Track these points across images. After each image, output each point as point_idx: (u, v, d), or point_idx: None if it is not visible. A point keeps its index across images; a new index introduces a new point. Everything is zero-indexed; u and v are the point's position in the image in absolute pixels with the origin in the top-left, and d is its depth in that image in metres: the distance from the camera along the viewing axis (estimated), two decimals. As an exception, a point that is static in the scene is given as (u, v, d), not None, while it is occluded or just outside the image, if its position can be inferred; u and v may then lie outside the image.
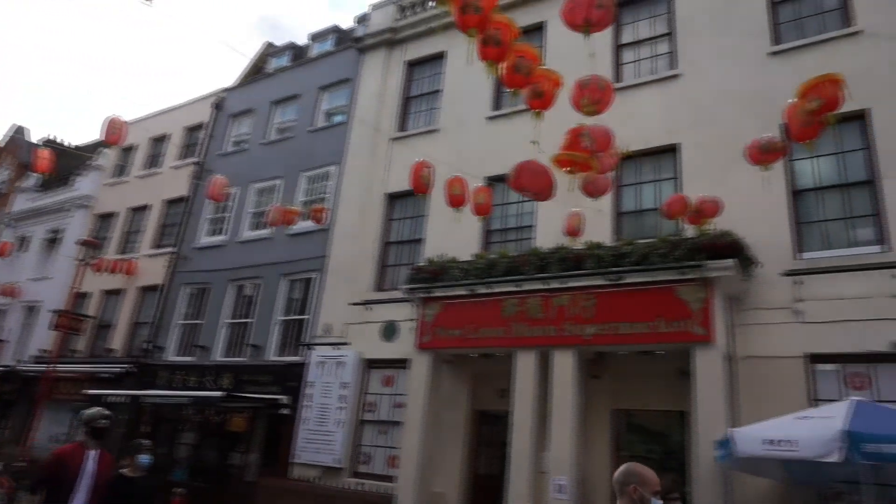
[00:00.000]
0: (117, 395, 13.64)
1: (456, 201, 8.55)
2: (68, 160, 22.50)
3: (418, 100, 14.65)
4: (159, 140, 20.78)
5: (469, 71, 12.00)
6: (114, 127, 10.86)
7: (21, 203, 24.30)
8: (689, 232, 9.06)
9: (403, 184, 11.22)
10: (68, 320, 17.73)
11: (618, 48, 11.93)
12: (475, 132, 12.92)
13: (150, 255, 18.40)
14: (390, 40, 15.31)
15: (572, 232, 9.29)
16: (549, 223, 10.64)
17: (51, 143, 25.91)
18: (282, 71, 19.21)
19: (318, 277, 14.09)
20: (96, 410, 5.79)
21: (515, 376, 9.64)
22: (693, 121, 10.41)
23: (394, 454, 11.23)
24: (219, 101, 19.44)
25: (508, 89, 5.88)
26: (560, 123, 7.06)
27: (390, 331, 12.17)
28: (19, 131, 27.94)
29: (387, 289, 12.85)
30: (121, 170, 21.57)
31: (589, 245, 9.53)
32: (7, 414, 19.77)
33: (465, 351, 10.62)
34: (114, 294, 18.88)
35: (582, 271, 9.35)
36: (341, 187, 14.62)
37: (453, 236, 11.46)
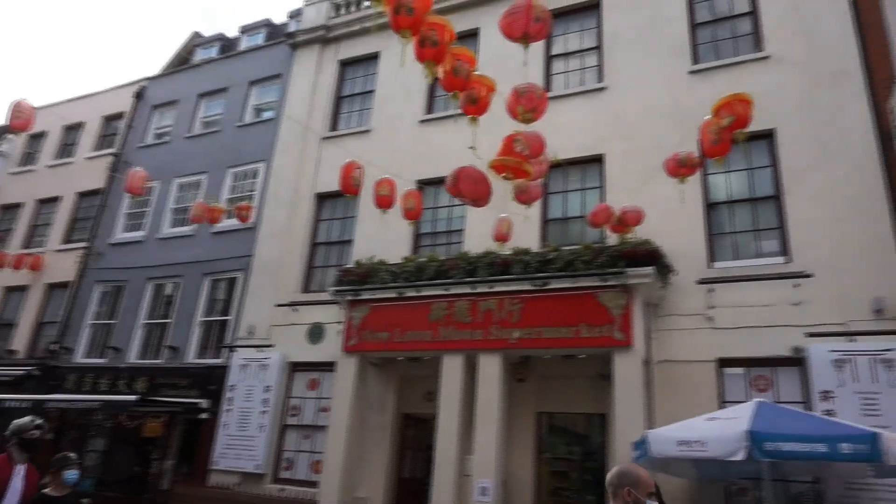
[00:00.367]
0: (17, 400, 12.69)
1: (384, 202, 8.50)
2: (-31, 146, 20.84)
3: (351, 99, 14.49)
4: (73, 128, 19.59)
5: (403, 73, 12.02)
6: (20, 111, 10.11)
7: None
8: (612, 240, 9.38)
9: (333, 184, 11.06)
10: (-36, 319, 16.41)
11: (549, 58, 12.22)
12: (407, 135, 12.91)
13: (60, 251, 17.29)
14: (324, 38, 15.08)
15: (501, 237, 9.42)
16: (479, 228, 10.76)
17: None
18: (210, 63, 18.55)
19: (242, 277, 13.67)
20: (28, 419, 5.14)
21: (442, 380, 9.68)
22: (618, 132, 10.80)
23: (317, 459, 11.03)
24: (140, 90, 18.55)
25: (447, 92, 5.90)
26: (492, 129, 7.17)
27: (316, 333, 11.95)
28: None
29: (314, 290, 12.62)
30: (29, 158, 20.20)
31: (516, 251, 9.70)
32: None
33: (393, 354, 10.57)
34: (17, 291, 17.62)
35: (509, 276, 9.51)
36: (269, 185, 14.25)
37: (383, 238, 11.40)
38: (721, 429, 6.48)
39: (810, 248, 8.86)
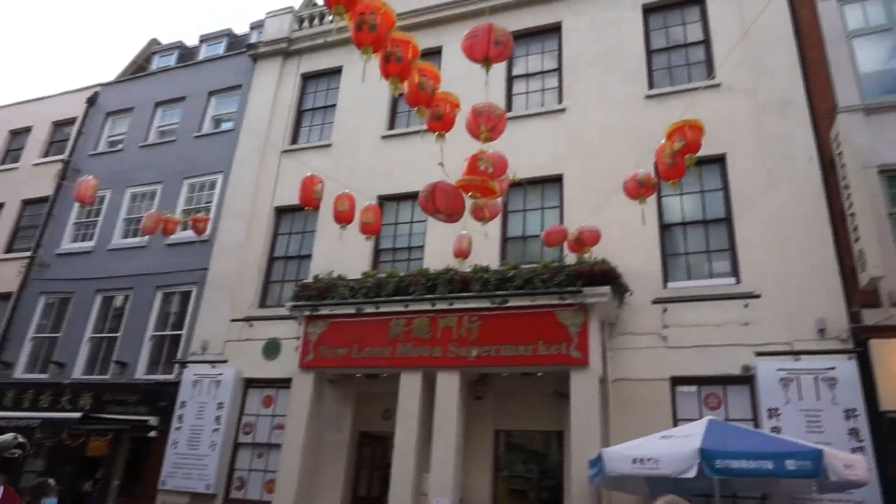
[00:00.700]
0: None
1: (342, 218, 8.43)
2: None
3: (312, 113, 14.40)
4: (20, 133, 18.88)
5: (365, 88, 12.00)
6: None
7: None
8: (570, 259, 9.52)
9: (292, 198, 10.93)
10: None
11: (510, 79, 12.41)
12: (369, 150, 12.88)
13: (2, 260, 16.54)
14: (286, 50, 14.98)
15: (461, 254, 9.46)
16: (439, 244, 10.78)
17: None
18: (168, 71, 18.18)
19: (196, 291, 13.33)
20: (10, 436, 4.60)
21: (400, 397, 9.60)
22: (577, 153, 11.02)
23: (271, 478, 10.77)
24: (94, 95, 18.02)
25: (412, 108, 5.91)
26: (454, 147, 7.20)
27: (273, 349, 11.72)
28: None
29: (271, 305, 12.39)
30: (-30, 163, 19.33)
31: (476, 268, 9.75)
32: None
33: (350, 371, 10.44)
34: (-46, 302, 16.77)
35: (469, 293, 9.53)
36: (227, 197, 13.99)
37: (343, 254, 11.30)
38: (674, 447, 6.61)
39: (758, 269, 9.17)
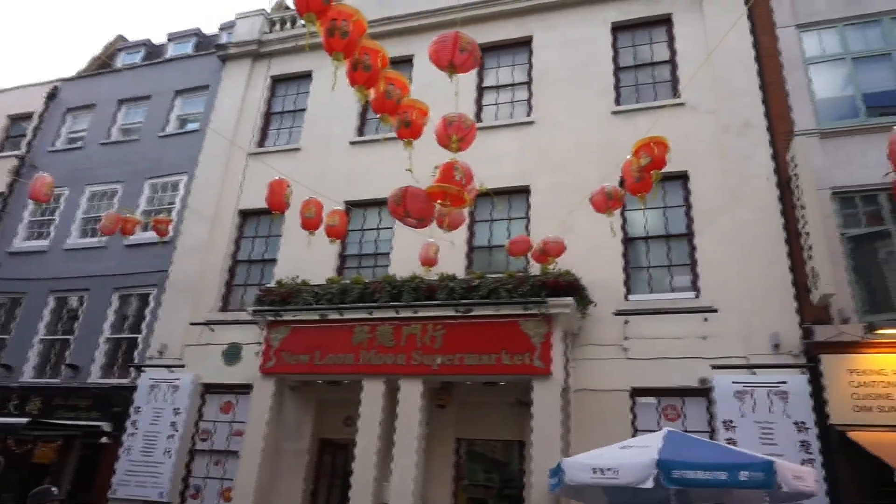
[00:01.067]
0: None
1: (309, 224, 8.36)
2: None
3: (280, 117, 14.27)
4: (-26, 127, 18.21)
5: (335, 93, 11.81)
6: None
7: None
8: (535, 269, 9.62)
9: (258, 201, 10.83)
10: None
11: (480, 90, 12.53)
12: (337, 156, 12.82)
13: (-50, 258, 15.91)
14: (256, 52, 14.84)
15: (427, 262, 9.46)
16: (405, 252, 10.77)
17: None
18: (133, 68, 17.78)
19: (155, 293, 13.02)
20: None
21: (362, 404, 9.52)
22: (544, 165, 11.16)
23: (228, 486, 10.54)
24: (54, 90, 17.51)
25: (378, 115, 5.90)
26: (422, 156, 7.23)
27: (233, 354, 11.51)
28: None
29: (233, 309, 12.18)
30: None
31: (442, 276, 9.75)
32: None
33: (312, 377, 10.31)
34: None
35: (434, 301, 9.53)
36: (190, 199, 13.73)
37: (307, 259, 11.19)
38: (632, 457, 6.69)
39: (717, 284, 9.41)
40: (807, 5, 10.75)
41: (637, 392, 9.24)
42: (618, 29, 12.08)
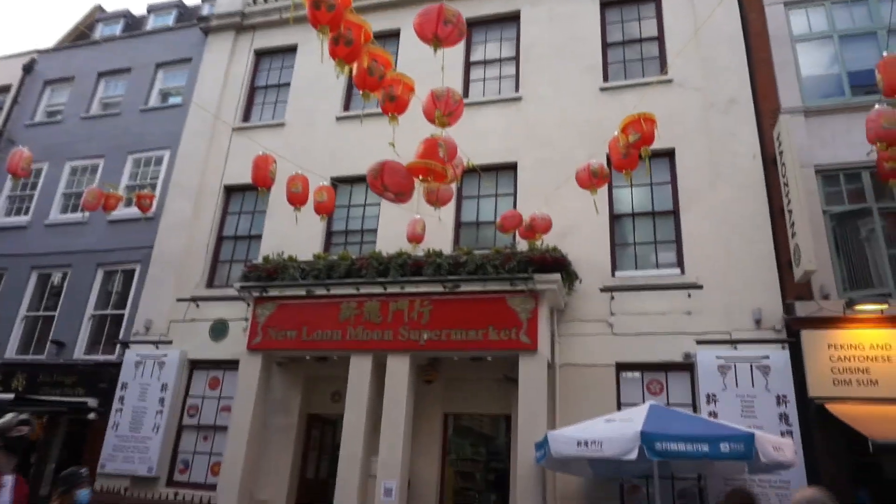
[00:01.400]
0: None
1: (296, 200, 8.30)
2: None
3: (265, 91, 14.04)
4: (-51, 100, 17.76)
5: (321, 68, 11.68)
6: None
7: None
8: (522, 245, 9.65)
9: (244, 176, 10.70)
10: None
11: (468, 65, 12.41)
12: (323, 131, 12.68)
13: (-72, 234, 15.62)
14: (239, 25, 14.54)
15: (414, 238, 9.45)
16: (392, 228, 10.75)
17: None
18: (113, 40, 17.35)
19: (140, 270, 12.90)
20: (10, 416, 4.23)
21: (350, 380, 9.57)
22: (532, 142, 11.13)
23: (217, 461, 10.60)
24: (31, 62, 17.08)
25: (360, 91, 5.83)
26: (408, 131, 7.18)
27: (220, 330, 11.49)
28: None
29: (218, 286, 12.12)
30: None
31: (429, 252, 9.76)
32: None
33: (299, 353, 10.33)
34: None
35: (421, 278, 9.54)
36: (174, 174, 13.54)
37: (294, 235, 11.12)
38: (617, 430, 6.82)
39: (702, 261, 9.51)
40: (795, -19, 10.71)
41: (622, 367, 9.37)
42: (606, 4, 11.98)
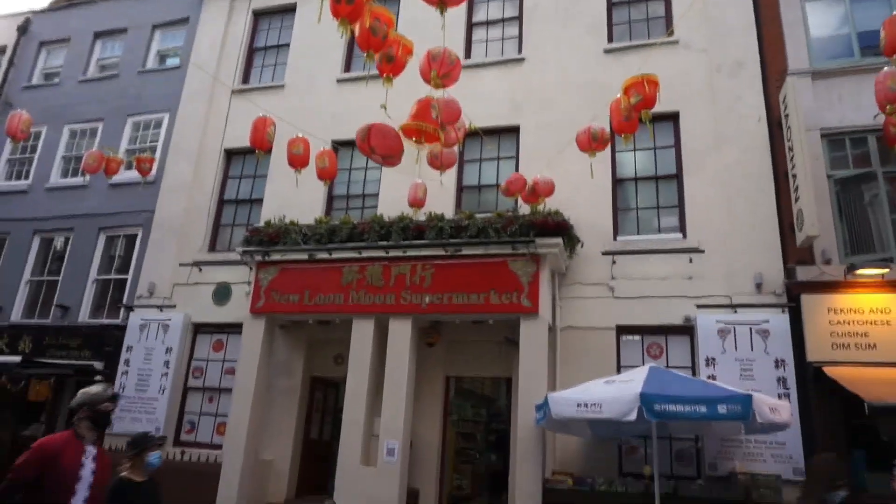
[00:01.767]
0: None
1: (297, 161, 8.23)
2: None
3: (265, 52, 13.82)
4: (-56, 61, 17.51)
5: (321, 29, 11.46)
6: None
7: None
8: (524, 209, 9.62)
9: (243, 139, 10.58)
10: None
11: (470, 25, 12.17)
12: (324, 93, 12.52)
13: (-71, 198, 15.59)
14: (236, -17, 14.22)
15: (416, 202, 9.41)
16: (394, 192, 10.70)
17: None
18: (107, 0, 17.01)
19: (142, 234, 12.92)
20: (101, 388, 4.22)
21: (352, 343, 9.67)
22: (534, 105, 10.99)
23: (222, 421, 10.80)
24: (25, 23, 16.78)
25: (363, 51, 5.72)
26: (409, 93, 7.07)
27: (223, 293, 11.56)
28: None
29: (221, 250, 12.15)
30: None
31: (431, 216, 9.74)
32: None
33: (302, 317, 10.42)
34: None
35: (422, 241, 9.55)
36: (173, 137, 13.43)
37: (295, 199, 11.10)
38: (616, 392, 6.91)
39: (704, 225, 9.49)
40: (807, -62, 10.41)
41: (622, 330, 9.44)
42: (612, -38, 11.67)
